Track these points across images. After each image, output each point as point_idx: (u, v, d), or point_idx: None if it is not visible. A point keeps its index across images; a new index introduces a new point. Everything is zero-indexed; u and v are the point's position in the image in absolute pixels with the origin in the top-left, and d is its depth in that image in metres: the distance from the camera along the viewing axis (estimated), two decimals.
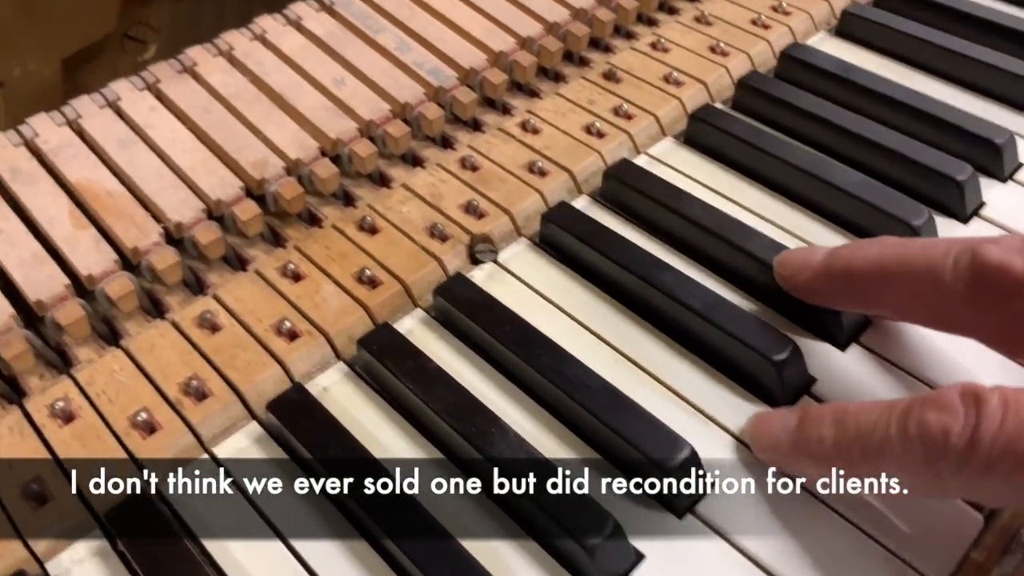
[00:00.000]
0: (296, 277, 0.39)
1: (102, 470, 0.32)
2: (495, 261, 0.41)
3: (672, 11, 0.56)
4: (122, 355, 0.36)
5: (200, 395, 0.35)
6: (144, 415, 0.34)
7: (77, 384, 0.35)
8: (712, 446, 0.33)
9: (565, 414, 0.34)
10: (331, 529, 0.31)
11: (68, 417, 0.34)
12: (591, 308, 0.38)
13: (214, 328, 0.37)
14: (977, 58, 0.49)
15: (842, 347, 0.37)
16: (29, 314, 0.37)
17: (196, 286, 0.40)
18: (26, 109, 0.47)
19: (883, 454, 0.27)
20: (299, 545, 0.31)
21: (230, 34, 0.47)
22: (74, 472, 0.32)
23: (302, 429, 0.33)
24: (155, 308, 0.39)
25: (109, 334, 0.38)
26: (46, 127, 0.42)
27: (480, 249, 0.41)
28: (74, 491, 0.32)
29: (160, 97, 0.44)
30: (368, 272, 0.39)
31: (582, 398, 0.33)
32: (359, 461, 0.32)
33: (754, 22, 0.54)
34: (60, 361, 0.37)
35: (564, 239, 0.41)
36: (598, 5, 0.52)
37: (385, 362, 0.35)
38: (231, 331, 0.37)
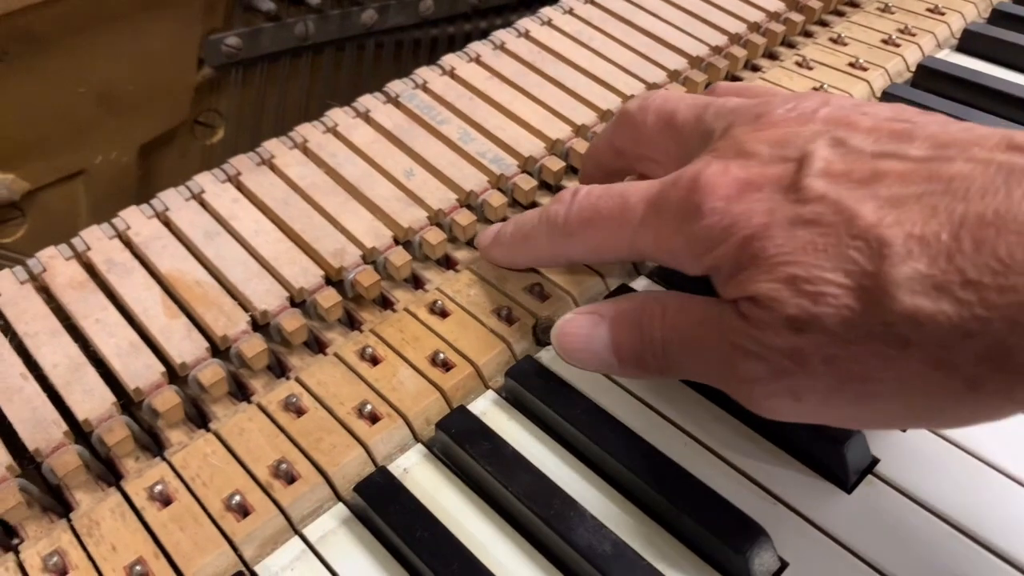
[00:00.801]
0: (374, 360, 0.41)
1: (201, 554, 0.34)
2: None
3: None
4: (213, 439, 0.38)
5: (289, 478, 0.36)
6: (238, 498, 0.36)
7: (172, 467, 0.37)
8: (783, 528, 0.34)
9: (639, 498, 0.35)
10: None
11: (166, 500, 0.36)
12: (656, 387, 0.40)
13: (299, 412, 0.39)
14: None
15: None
16: (125, 399, 0.39)
17: (278, 369, 0.42)
18: (106, 193, 0.50)
19: (532, 232, 0.41)
20: None
21: (304, 127, 0.50)
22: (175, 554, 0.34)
23: (390, 512, 0.34)
24: (240, 391, 0.41)
25: (198, 417, 0.40)
26: (137, 220, 0.45)
27: (544, 329, 0.43)
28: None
29: (241, 189, 0.47)
30: (441, 355, 0.41)
31: (655, 483, 0.34)
32: (445, 543, 0.33)
33: None
34: (153, 444, 0.39)
35: None
36: (646, 92, 0.54)
37: (464, 445, 0.37)
38: (315, 414, 0.39)
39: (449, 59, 0.55)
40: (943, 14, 0.64)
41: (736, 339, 0.31)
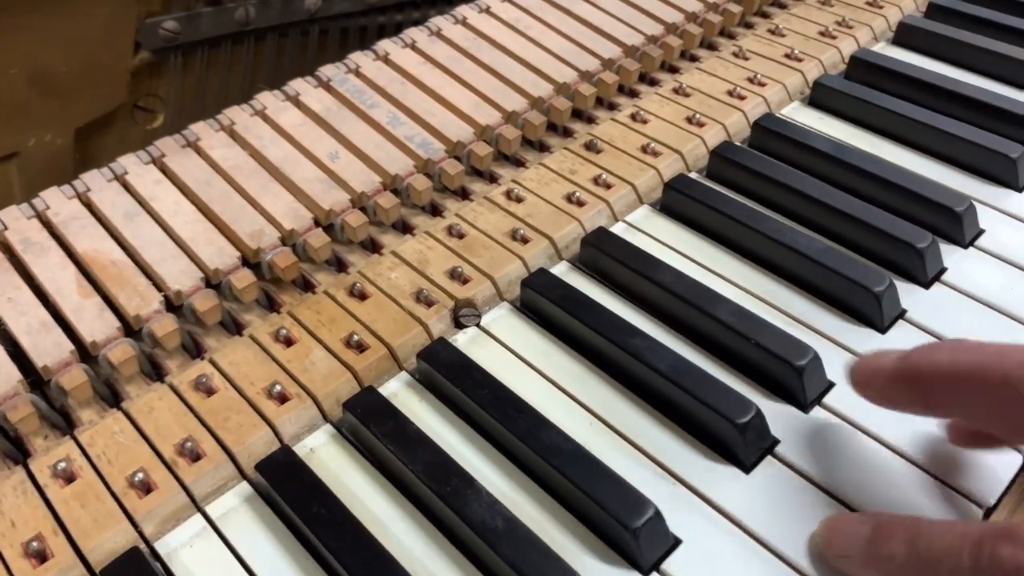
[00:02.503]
0: (288, 342, 0.41)
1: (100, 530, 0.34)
2: (478, 325, 0.43)
3: (653, 83, 0.59)
4: (122, 417, 0.38)
5: (194, 456, 0.36)
6: (141, 475, 0.36)
7: (79, 445, 0.37)
8: (680, 507, 0.35)
9: (539, 475, 0.36)
10: None
11: (69, 478, 0.36)
12: (568, 371, 0.40)
13: (209, 391, 0.39)
14: (940, 127, 0.51)
15: (805, 409, 0.38)
16: (35, 377, 0.39)
17: (194, 350, 0.42)
18: (40, 176, 0.50)
19: (953, 570, 0.27)
20: None
21: (232, 110, 0.50)
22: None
23: (288, 489, 0.34)
24: (155, 371, 0.41)
25: (111, 396, 0.40)
26: (57, 200, 0.45)
27: (464, 314, 0.43)
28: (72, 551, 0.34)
29: (164, 170, 0.47)
30: (356, 337, 0.41)
31: (554, 461, 0.35)
32: (340, 520, 0.33)
33: (730, 93, 0.57)
34: (64, 423, 0.39)
35: (542, 304, 0.43)
36: (580, 80, 0.55)
37: (368, 424, 0.37)
38: (225, 394, 0.39)
39: (384, 44, 0.56)
40: (881, 7, 0.65)
41: None
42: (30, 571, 0.33)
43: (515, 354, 0.41)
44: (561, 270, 0.46)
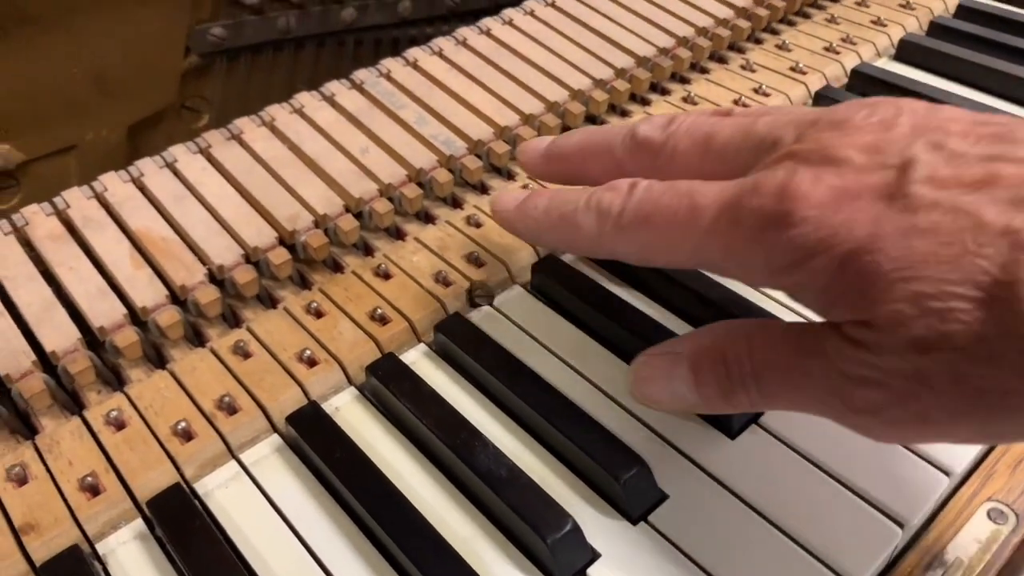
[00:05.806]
0: (318, 314, 0.45)
1: (146, 470, 0.38)
2: (491, 304, 0.47)
3: (664, 92, 0.63)
4: (167, 376, 0.42)
5: (231, 410, 0.41)
6: (183, 425, 0.40)
7: (129, 399, 0.41)
8: (668, 466, 0.38)
9: (540, 433, 0.39)
10: (335, 522, 0.37)
11: (120, 425, 0.40)
12: (572, 346, 0.44)
13: (246, 355, 0.43)
14: None
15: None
16: (91, 338, 0.44)
17: (233, 320, 0.46)
18: (95, 167, 0.54)
19: (574, 216, 0.38)
20: (308, 536, 0.36)
21: (273, 108, 0.55)
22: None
23: (314, 437, 0.38)
24: (197, 338, 0.46)
25: (157, 359, 0.45)
26: (114, 183, 0.50)
27: (479, 294, 0.47)
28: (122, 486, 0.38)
29: (210, 160, 0.52)
30: (380, 311, 0.45)
31: (553, 418, 0.38)
32: (360, 464, 0.37)
33: (735, 102, 0.60)
34: (115, 380, 0.44)
35: (551, 287, 0.46)
36: (593, 87, 0.59)
37: (388, 384, 0.41)
38: (260, 358, 0.43)
39: (413, 52, 0.60)
40: (885, 26, 0.68)
41: (848, 367, 0.28)
42: (84, 503, 0.37)
43: (524, 330, 0.45)
44: (570, 257, 0.49)
